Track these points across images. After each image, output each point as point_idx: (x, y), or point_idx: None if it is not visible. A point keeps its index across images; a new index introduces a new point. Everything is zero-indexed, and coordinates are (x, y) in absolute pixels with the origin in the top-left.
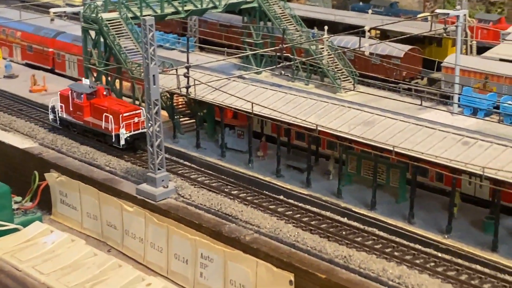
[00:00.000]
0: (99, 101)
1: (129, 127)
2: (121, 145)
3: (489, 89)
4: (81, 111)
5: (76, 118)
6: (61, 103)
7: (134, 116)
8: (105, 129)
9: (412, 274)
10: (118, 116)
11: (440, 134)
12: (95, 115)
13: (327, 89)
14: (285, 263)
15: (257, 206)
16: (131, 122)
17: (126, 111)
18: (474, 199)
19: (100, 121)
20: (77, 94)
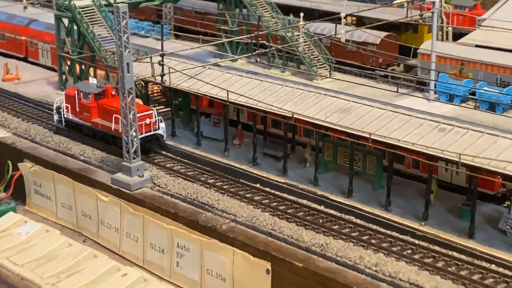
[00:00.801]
0: (108, 102)
1: (141, 129)
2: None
3: (465, 75)
4: (89, 112)
5: (83, 120)
6: (67, 103)
7: (145, 117)
8: (115, 131)
9: (389, 261)
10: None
11: (417, 121)
12: (103, 116)
13: (304, 76)
14: (262, 252)
15: (233, 194)
16: (143, 123)
17: (138, 112)
18: (450, 186)
19: (109, 123)
20: (84, 94)
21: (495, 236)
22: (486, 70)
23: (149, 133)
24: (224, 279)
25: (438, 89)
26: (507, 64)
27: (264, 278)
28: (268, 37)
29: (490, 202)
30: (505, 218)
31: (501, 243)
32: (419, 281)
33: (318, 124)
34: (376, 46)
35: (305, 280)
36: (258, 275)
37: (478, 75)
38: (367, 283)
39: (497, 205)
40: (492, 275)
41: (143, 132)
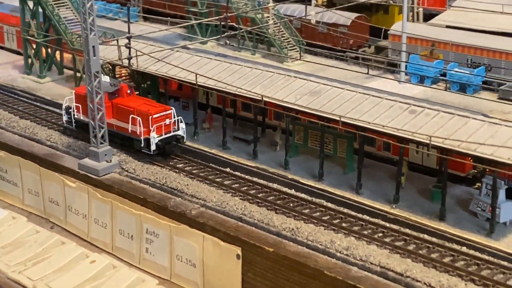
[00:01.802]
0: (123, 101)
1: (160, 130)
2: (152, 151)
3: (436, 56)
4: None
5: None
6: (77, 103)
7: (165, 117)
8: (132, 132)
9: (360, 245)
10: (148, 118)
11: (387, 103)
12: (119, 117)
13: (274, 58)
14: (232, 237)
15: (203, 179)
16: (162, 124)
17: (156, 112)
18: (421, 168)
19: (125, 124)
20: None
21: (466, 218)
22: (456, 51)
23: (169, 134)
24: (194, 264)
25: (409, 71)
26: (478, 45)
27: (234, 263)
28: (238, 19)
29: (461, 184)
30: (476, 200)
31: (472, 225)
32: (390, 265)
33: (288, 107)
34: (347, 27)
35: (275, 265)
36: (229, 261)
37: (448, 56)
38: (337, 267)
39: (468, 187)
40: (463, 258)
41: (162, 133)
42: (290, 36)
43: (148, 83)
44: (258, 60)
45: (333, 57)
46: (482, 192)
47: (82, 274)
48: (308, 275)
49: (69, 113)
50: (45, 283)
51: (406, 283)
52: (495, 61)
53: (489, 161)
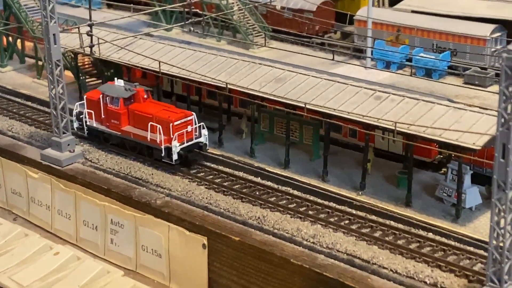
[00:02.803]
0: (140, 107)
1: (182, 138)
2: (174, 161)
3: (402, 41)
4: (118, 119)
5: (111, 128)
6: (89, 109)
7: (186, 124)
8: (151, 141)
9: (326, 233)
10: (168, 125)
11: (352, 89)
12: (136, 124)
13: (240, 45)
14: (197, 226)
15: (168, 168)
16: (184, 131)
17: (177, 119)
18: (388, 154)
19: (144, 132)
20: (111, 99)
21: (432, 204)
22: (422, 36)
23: (191, 142)
24: (160, 255)
25: (374, 56)
26: (443, 30)
27: (200, 253)
28: (202, 5)
29: (427, 169)
30: (442, 186)
31: (438, 211)
32: (357, 252)
33: (252, 94)
34: (312, 13)
35: (241, 254)
36: (195, 250)
37: (414, 41)
38: (304, 256)
39: (434, 172)
40: (429, 244)
41: (184, 141)
42: (256, 22)
43: (112, 71)
44: (223, 47)
45: (299, 43)
46: (448, 177)
47: (46, 266)
48: (275, 263)
49: (80, 120)
50: (8, 276)
51: (372, 270)
52: (460, 45)
53: (454, 147)
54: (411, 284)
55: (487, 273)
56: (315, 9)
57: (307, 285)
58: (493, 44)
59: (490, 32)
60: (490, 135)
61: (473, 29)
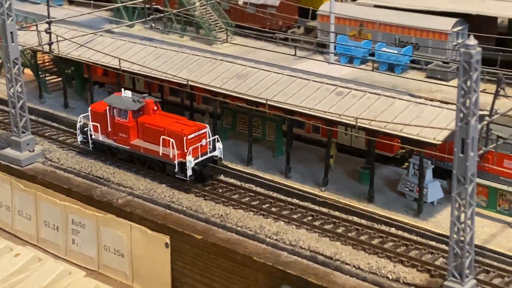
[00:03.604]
0: (150, 120)
1: (196, 152)
2: (188, 176)
3: (364, 36)
4: (126, 132)
5: (118, 142)
6: (94, 121)
7: (200, 137)
8: (163, 155)
9: (289, 229)
10: (182, 139)
11: (314, 84)
12: (146, 138)
13: (203, 41)
14: (160, 225)
15: (129, 167)
16: (198, 145)
17: (191, 132)
18: (351, 149)
19: (155, 146)
20: (118, 111)
21: (394, 199)
22: (384, 30)
23: (205, 156)
24: (122, 255)
25: (337, 51)
26: (405, 24)
27: (163, 252)
28: (165, 1)
29: (390, 164)
30: (404, 180)
31: (400, 205)
32: (320, 248)
33: (214, 91)
34: (275, 8)
35: (204, 252)
36: (157, 250)
37: (377, 36)
38: (267, 253)
39: (396, 167)
40: (392, 239)
41: (199, 155)
42: (219, 18)
43: (72, 69)
44: (186, 43)
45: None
46: (410, 172)
47: (6, 268)
48: (238, 261)
49: (84, 133)
50: None
51: (335, 266)
52: (422, 40)
53: (415, 142)
54: (373, 279)
55: (449, 268)
56: (278, 4)
57: (270, 282)
58: (454, 38)
59: (451, 26)
60: (450, 130)
61: (435, 23)
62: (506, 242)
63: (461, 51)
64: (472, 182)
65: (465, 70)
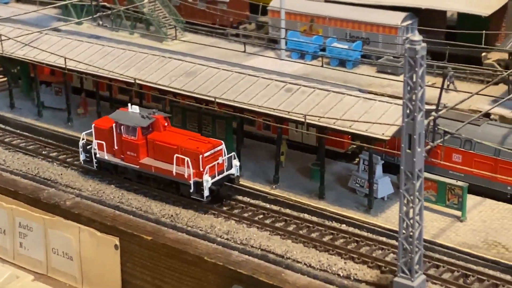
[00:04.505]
0: (162, 137)
1: (213, 170)
2: (205, 197)
3: (315, 31)
4: (135, 151)
5: (126, 161)
6: (99, 139)
7: (217, 155)
8: (177, 175)
9: (240, 228)
10: (198, 157)
11: (264, 81)
12: (157, 156)
13: (153, 38)
14: (109, 227)
15: (78, 167)
16: (215, 163)
17: (207, 149)
18: (302, 146)
19: (168, 165)
20: (126, 128)
21: (345, 195)
22: (335, 25)
23: (222, 174)
24: (71, 257)
25: (288, 47)
26: (356, 19)
27: (113, 254)
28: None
29: (341, 160)
30: (354, 177)
31: (351, 202)
32: (271, 247)
33: (162, 89)
34: (226, 4)
35: (154, 253)
36: (107, 252)
37: (328, 31)
38: (218, 253)
39: (348, 163)
40: (343, 235)
41: (215, 174)
42: (169, 14)
43: (18, 69)
44: (136, 41)
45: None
46: (360, 168)
47: None
48: (189, 262)
49: (87, 151)
50: None
51: (286, 265)
52: (372, 34)
53: (364, 138)
54: (325, 277)
55: (398, 264)
56: (228, 0)
57: (221, 282)
58: (404, 32)
59: (401, 20)
60: (398, 126)
61: (385, 18)
62: (455, 236)
63: (406, 46)
64: (419, 178)
65: (410, 66)
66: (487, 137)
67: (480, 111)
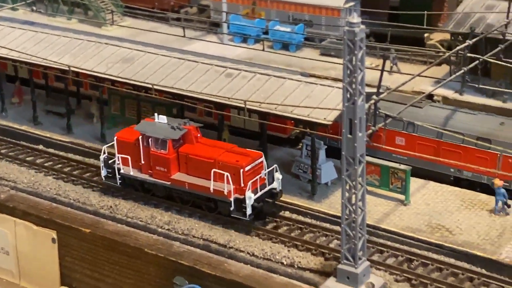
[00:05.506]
0: (195, 150)
1: (255, 185)
2: (248, 216)
3: (258, 15)
4: (166, 165)
5: (155, 176)
6: (123, 153)
7: (258, 168)
8: (215, 192)
9: (181, 218)
10: (238, 172)
11: (203, 67)
12: (191, 171)
13: (92, 24)
14: (45, 220)
15: (12, 159)
16: (257, 178)
17: (248, 163)
18: (244, 132)
19: (204, 181)
20: (155, 141)
21: (288, 181)
22: (277, 8)
23: (264, 189)
24: (7, 252)
25: (231, 31)
26: (298, 1)
27: (50, 248)
28: None
29: (285, 145)
30: (297, 162)
31: (295, 188)
32: (213, 236)
33: (98, 77)
34: None
35: (93, 246)
36: (44, 245)
37: (270, 14)
38: (159, 244)
39: (291, 148)
40: (286, 223)
41: (258, 189)
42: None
43: None
44: (73, 26)
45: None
46: (303, 153)
47: None
48: (129, 254)
49: (109, 166)
50: None
51: (229, 254)
52: (315, 17)
53: (306, 123)
54: (268, 266)
55: (342, 251)
56: None
57: (163, 274)
58: (347, 14)
59: (344, 1)
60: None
61: (327, 0)
62: (399, 220)
63: (345, 29)
64: (361, 163)
65: (349, 49)
66: (429, 119)
67: (424, 92)
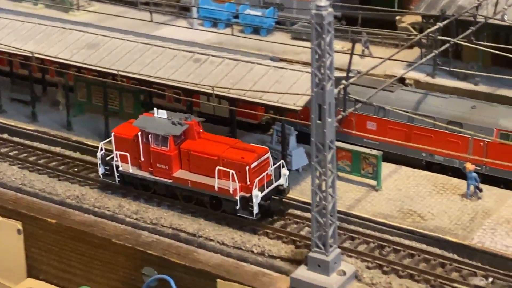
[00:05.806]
0: (197, 146)
1: (262, 183)
2: (255, 215)
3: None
4: (167, 163)
5: (156, 174)
6: (120, 150)
7: (264, 165)
8: (220, 190)
9: (150, 208)
10: (244, 169)
11: (170, 52)
12: (193, 168)
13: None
14: (10, 210)
15: None
16: (264, 175)
17: (254, 159)
18: (214, 118)
19: (208, 178)
20: (155, 137)
21: None
22: None
23: (271, 186)
24: None
25: (201, 15)
26: None
27: (16, 239)
28: None
29: (256, 131)
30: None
31: None
32: (182, 225)
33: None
34: None
35: (59, 237)
36: (9, 237)
37: None
38: (127, 234)
39: (262, 134)
40: None
41: (265, 187)
42: None
43: None
44: (40, 12)
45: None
46: (273, 139)
47: None
48: (96, 245)
49: (107, 164)
50: None
51: (198, 243)
52: (286, 0)
53: (276, 108)
54: (238, 255)
55: (312, 238)
56: None
57: (131, 265)
58: None
59: None
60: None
61: None
62: (371, 206)
63: (312, 13)
64: (331, 149)
65: (317, 33)
66: (400, 103)
67: (395, 76)
